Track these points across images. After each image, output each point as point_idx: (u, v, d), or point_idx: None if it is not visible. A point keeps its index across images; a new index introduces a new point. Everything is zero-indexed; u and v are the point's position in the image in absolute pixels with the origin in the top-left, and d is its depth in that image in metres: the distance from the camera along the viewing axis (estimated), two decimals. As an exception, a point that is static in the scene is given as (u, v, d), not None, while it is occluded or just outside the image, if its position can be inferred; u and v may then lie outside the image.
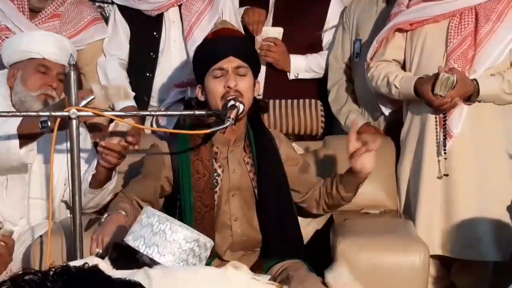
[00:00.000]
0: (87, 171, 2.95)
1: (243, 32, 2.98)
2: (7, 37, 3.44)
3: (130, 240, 2.24)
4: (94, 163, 2.90)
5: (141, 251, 2.20)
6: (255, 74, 2.87)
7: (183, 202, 2.79)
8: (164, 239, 2.17)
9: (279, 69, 3.72)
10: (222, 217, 2.82)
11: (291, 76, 3.74)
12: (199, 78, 2.86)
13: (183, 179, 2.80)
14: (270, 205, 2.83)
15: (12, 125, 2.80)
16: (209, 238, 2.33)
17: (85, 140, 3.11)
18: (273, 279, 2.72)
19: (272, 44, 3.64)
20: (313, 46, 3.81)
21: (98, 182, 2.91)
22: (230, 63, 2.76)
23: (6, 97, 3.08)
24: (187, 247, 2.20)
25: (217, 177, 2.81)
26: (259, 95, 2.98)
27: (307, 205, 2.95)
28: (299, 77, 3.75)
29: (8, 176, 2.99)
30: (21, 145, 2.81)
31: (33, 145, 2.87)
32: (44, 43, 3.09)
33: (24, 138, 2.81)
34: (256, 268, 2.78)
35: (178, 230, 2.19)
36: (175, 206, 2.83)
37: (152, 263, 2.19)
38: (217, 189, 2.81)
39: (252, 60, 2.84)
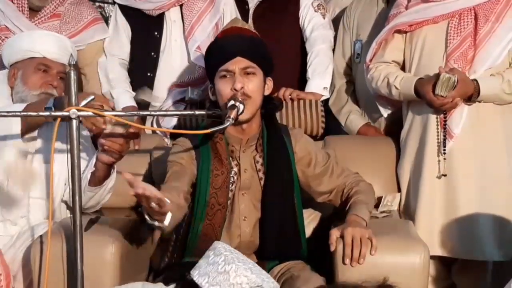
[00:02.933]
0: (86, 168, 2.92)
1: (255, 32, 2.87)
2: (7, 37, 3.41)
3: (195, 275, 2.21)
4: (93, 160, 2.87)
5: None
6: (266, 72, 2.81)
7: (198, 198, 2.76)
8: (228, 280, 2.14)
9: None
10: (233, 216, 2.80)
11: (326, 94, 3.66)
12: (210, 78, 2.84)
13: (202, 174, 2.77)
14: (273, 207, 2.78)
15: (16, 110, 2.75)
16: (276, 283, 2.29)
17: (86, 139, 3.09)
18: (275, 279, 2.70)
19: None
20: (297, 39, 3.77)
21: (97, 180, 2.88)
22: (237, 64, 2.72)
23: (8, 97, 3.06)
24: None
25: (233, 176, 2.79)
26: (271, 94, 2.91)
27: (334, 203, 2.94)
28: (328, 86, 3.69)
29: (9, 176, 2.97)
30: (24, 132, 2.77)
31: (35, 134, 2.83)
32: (44, 42, 3.07)
33: (27, 124, 2.78)
34: None
35: (242, 273, 2.15)
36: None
37: None
38: (232, 187, 2.79)
39: (261, 59, 2.77)
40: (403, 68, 3.33)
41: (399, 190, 3.30)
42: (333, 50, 3.78)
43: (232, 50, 2.73)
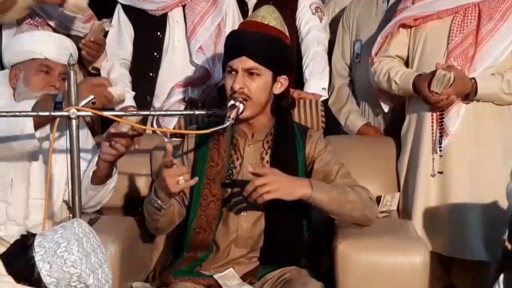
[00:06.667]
0: (88, 167, 2.88)
1: (275, 27, 2.71)
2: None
3: (36, 241, 2.10)
4: (95, 159, 2.83)
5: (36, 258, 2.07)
6: (278, 72, 2.69)
7: (194, 188, 2.71)
8: (61, 267, 2.05)
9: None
10: (231, 209, 2.73)
11: (325, 95, 3.60)
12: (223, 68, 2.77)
13: (198, 165, 2.73)
14: (278, 207, 2.67)
15: (26, 107, 2.71)
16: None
17: (87, 139, 3.05)
18: (268, 286, 2.65)
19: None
20: (293, 40, 3.62)
21: (99, 178, 2.84)
22: (241, 63, 2.63)
23: (11, 98, 3.01)
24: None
25: (233, 169, 2.73)
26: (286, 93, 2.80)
27: None
28: (326, 87, 3.64)
29: (13, 176, 2.92)
30: (37, 127, 2.72)
31: (47, 129, 2.80)
32: (46, 43, 3.02)
33: (38, 121, 2.73)
34: (249, 275, 2.70)
35: (77, 265, 2.03)
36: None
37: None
38: (231, 180, 2.72)
39: (270, 60, 2.65)
40: (407, 63, 3.29)
41: (399, 190, 3.26)
42: (331, 51, 3.73)
43: (240, 48, 2.65)
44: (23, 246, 2.04)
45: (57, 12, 3.44)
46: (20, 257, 2.03)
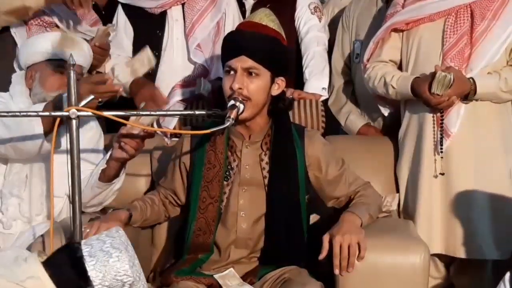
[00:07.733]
0: (98, 166, 2.89)
1: (273, 28, 2.70)
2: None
3: (85, 251, 2.09)
4: (106, 157, 2.84)
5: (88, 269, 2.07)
6: (277, 73, 2.69)
7: (192, 191, 2.72)
8: (114, 276, 2.05)
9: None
10: (230, 210, 2.72)
11: (325, 95, 3.61)
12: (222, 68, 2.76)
13: (196, 167, 2.73)
14: (278, 207, 2.70)
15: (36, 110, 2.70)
16: None
17: (99, 140, 3.06)
18: (268, 286, 2.65)
19: None
20: (292, 40, 3.67)
21: (107, 177, 2.84)
22: (241, 63, 2.62)
23: (27, 97, 3.00)
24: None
25: (230, 170, 2.73)
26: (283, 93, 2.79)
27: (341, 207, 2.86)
28: (326, 87, 3.64)
29: (28, 172, 2.93)
30: (47, 132, 2.72)
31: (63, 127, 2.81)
32: None
33: (48, 123, 2.71)
34: (250, 275, 2.69)
35: (128, 272, 2.04)
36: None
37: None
38: (229, 181, 2.73)
39: (269, 60, 2.65)
40: (400, 67, 3.27)
41: (398, 190, 3.25)
42: (331, 51, 3.72)
43: (239, 48, 2.64)
44: (72, 257, 2.03)
45: (65, 13, 3.43)
46: (69, 268, 2.02)
